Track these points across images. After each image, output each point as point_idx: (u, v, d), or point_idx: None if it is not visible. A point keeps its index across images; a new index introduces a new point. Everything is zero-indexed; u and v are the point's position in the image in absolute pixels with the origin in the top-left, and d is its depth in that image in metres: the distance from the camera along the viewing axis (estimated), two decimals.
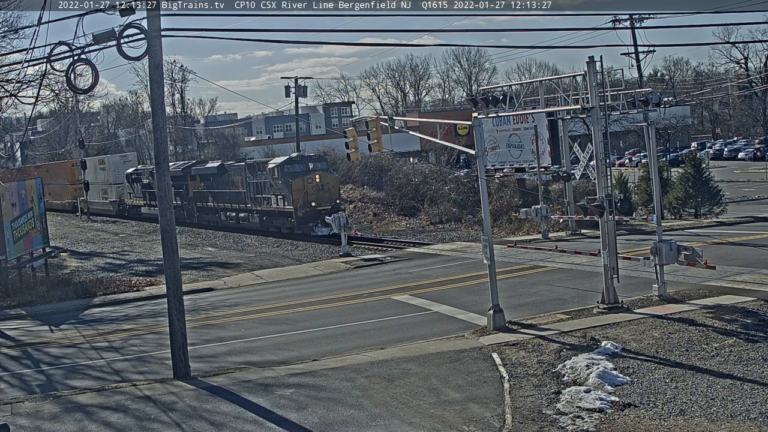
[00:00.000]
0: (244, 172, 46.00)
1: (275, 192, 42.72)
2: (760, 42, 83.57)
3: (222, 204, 49.06)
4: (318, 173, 41.53)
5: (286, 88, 61.32)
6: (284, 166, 41.92)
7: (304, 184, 41.06)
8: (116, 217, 65.34)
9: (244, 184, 45.99)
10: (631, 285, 21.41)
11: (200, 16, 30.19)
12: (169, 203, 16.97)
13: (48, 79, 32.35)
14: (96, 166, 69.80)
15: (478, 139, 19.36)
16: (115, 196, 65.99)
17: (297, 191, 41.06)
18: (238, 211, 47.13)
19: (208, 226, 50.61)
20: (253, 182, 44.95)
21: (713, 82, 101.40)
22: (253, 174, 45.06)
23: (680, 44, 62.74)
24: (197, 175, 52.30)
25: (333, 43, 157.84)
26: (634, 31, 51.01)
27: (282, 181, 41.84)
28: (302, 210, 40.97)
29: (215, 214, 50.23)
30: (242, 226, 46.73)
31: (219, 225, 49.66)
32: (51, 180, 76.59)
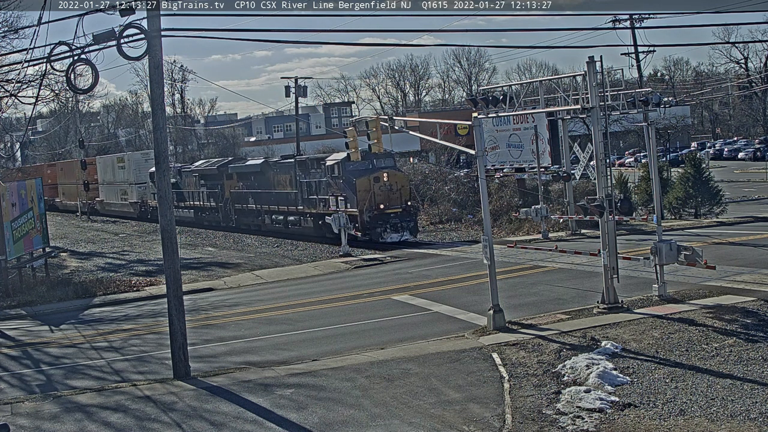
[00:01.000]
0: (294, 170, 41.09)
1: (334, 193, 37.42)
2: (760, 42, 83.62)
3: (266, 206, 43.89)
4: (386, 171, 36.51)
5: (286, 88, 61.29)
6: (347, 163, 36.39)
7: (370, 184, 36.06)
8: (138, 219, 60.07)
9: (294, 184, 41.13)
10: (631, 285, 21.41)
11: (200, 16, 30.18)
12: (169, 203, 16.99)
13: (48, 79, 32.36)
14: (114, 164, 65.18)
15: (478, 139, 19.37)
16: (137, 197, 60.74)
17: (363, 192, 36.04)
18: (287, 214, 42.07)
19: (249, 231, 45.93)
20: (305, 181, 40.05)
21: (713, 82, 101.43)
22: (305, 172, 40.17)
23: (680, 44, 62.83)
24: (235, 174, 47.31)
25: (333, 43, 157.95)
26: (634, 31, 51.04)
27: (344, 180, 36.82)
28: (369, 213, 35.93)
29: (257, 217, 45.14)
30: (292, 231, 41.69)
31: (262, 229, 45.01)
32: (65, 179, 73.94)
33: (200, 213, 51.52)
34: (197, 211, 51.77)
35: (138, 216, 60.41)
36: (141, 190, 59.98)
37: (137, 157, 62.38)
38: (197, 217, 51.78)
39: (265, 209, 44.10)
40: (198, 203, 51.70)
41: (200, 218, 51.46)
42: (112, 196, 65.48)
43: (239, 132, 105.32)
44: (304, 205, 40.30)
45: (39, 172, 79.05)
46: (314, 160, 40.45)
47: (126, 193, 62.47)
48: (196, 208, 52.06)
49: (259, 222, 44.91)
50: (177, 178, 53.17)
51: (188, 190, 52.83)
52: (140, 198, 59.96)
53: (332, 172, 37.69)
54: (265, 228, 44.55)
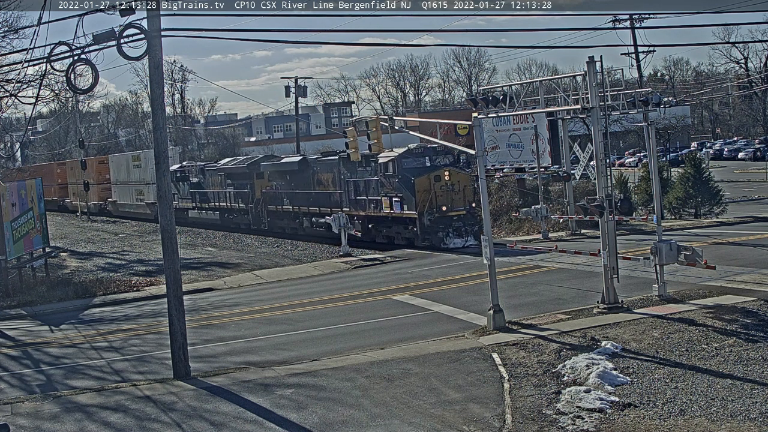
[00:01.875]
0: (337, 168, 37.27)
1: (388, 193, 33.96)
2: (760, 42, 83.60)
3: (305, 208, 40.00)
4: (447, 170, 33.08)
5: (286, 88, 61.37)
6: (403, 160, 33.12)
7: (430, 184, 32.75)
8: (155, 221, 53.83)
9: (338, 183, 37.44)
10: (631, 285, 21.41)
11: (200, 16, 30.15)
12: (169, 203, 16.99)
13: (48, 79, 32.32)
14: (128, 163, 61.52)
15: (478, 139, 19.38)
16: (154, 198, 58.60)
17: (422, 192, 32.75)
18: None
19: (284, 235, 42.06)
20: (352, 181, 36.30)
21: (713, 82, 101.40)
22: (351, 171, 36.55)
23: (680, 44, 62.96)
24: (268, 173, 43.45)
25: (333, 43, 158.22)
26: (634, 31, 51.05)
27: (400, 179, 33.22)
28: (429, 216, 32.60)
29: (294, 219, 41.34)
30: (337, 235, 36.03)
31: (299, 233, 41.04)
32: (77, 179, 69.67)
33: (227, 215, 48.03)
34: (223, 213, 48.31)
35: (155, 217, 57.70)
36: None
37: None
38: (223, 220, 48.39)
39: (303, 211, 40.35)
40: (224, 204, 47.84)
41: (227, 221, 48.02)
42: (127, 196, 62.22)
43: (239, 132, 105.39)
44: (351, 206, 36.49)
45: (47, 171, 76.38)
46: (363, 157, 34.91)
47: (142, 194, 58.90)
48: (223, 210, 48.30)
49: (296, 225, 41.24)
50: (200, 178, 50.28)
51: (213, 191, 49.22)
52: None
53: (386, 170, 33.91)
54: (303, 231, 40.78)
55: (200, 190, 50.07)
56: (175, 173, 51.82)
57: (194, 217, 51.58)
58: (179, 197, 52.31)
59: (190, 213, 52.01)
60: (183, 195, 52.76)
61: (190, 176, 52.07)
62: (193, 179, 51.62)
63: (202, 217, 50.59)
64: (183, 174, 52.97)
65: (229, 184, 47.20)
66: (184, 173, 52.96)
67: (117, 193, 64.11)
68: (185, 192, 52.61)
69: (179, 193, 52.64)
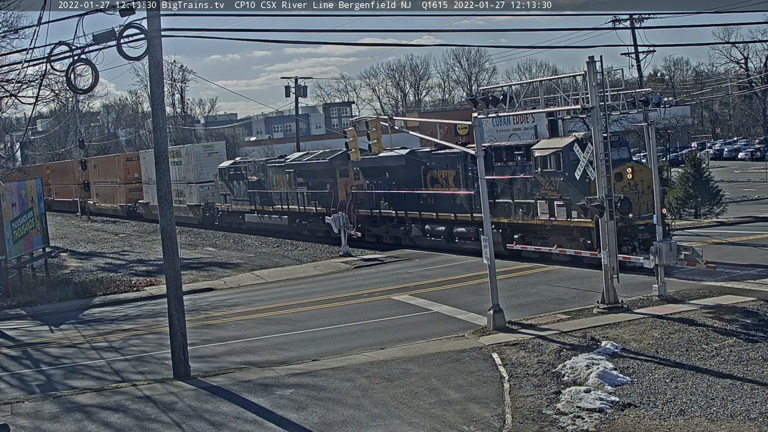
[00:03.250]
0: (462, 162, 29.68)
1: (548, 195, 26.12)
2: (760, 42, 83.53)
3: (414, 213, 32.65)
4: (630, 165, 25.27)
5: (286, 88, 61.27)
6: (570, 152, 24.91)
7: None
8: (200, 226, 49.49)
9: (465, 183, 29.77)
10: (631, 285, 21.40)
11: (200, 16, 30.16)
12: (169, 203, 16.98)
13: (48, 79, 32.39)
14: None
15: (478, 139, 19.39)
16: (199, 199, 49.56)
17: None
18: (453, 224, 30.60)
19: (385, 246, 34.45)
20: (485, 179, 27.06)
21: (713, 82, 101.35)
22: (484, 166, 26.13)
23: (680, 44, 62.95)
24: (358, 169, 36.42)
25: (333, 43, 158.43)
26: (634, 31, 51.00)
27: (566, 177, 25.48)
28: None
29: (398, 226, 33.97)
30: (465, 247, 29.73)
31: (403, 243, 33.91)
32: (100, 178, 64.35)
33: (298, 220, 40.21)
34: (294, 218, 40.43)
35: (200, 222, 49.98)
36: (204, 191, 49.16)
37: (198, 150, 51.24)
38: (293, 226, 40.53)
39: (412, 217, 32.95)
40: (295, 207, 39.96)
41: (298, 227, 40.32)
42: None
43: (239, 132, 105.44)
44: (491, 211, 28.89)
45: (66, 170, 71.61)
46: (504, 150, 28.22)
47: (182, 195, 51.19)
48: (293, 215, 40.36)
49: (401, 233, 33.99)
50: (261, 176, 42.92)
51: (278, 191, 41.40)
52: (203, 200, 49.24)
53: (544, 166, 26.14)
54: (408, 242, 33.54)
55: (261, 190, 42.70)
56: (227, 171, 45.99)
57: (253, 221, 43.88)
58: (232, 198, 45.78)
59: (247, 217, 44.35)
60: (238, 196, 45.18)
61: (246, 174, 44.00)
62: (251, 178, 43.75)
63: (264, 223, 42.61)
64: (237, 171, 45.11)
65: (302, 183, 39.58)
66: (238, 170, 45.04)
67: (150, 194, 55.37)
68: (241, 192, 44.80)
69: (232, 193, 45.75)
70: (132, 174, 58.76)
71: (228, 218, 46.61)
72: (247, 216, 44.27)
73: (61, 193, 74.64)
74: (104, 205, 63.20)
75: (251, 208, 43.71)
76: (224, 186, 46.30)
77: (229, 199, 45.99)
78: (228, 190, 45.88)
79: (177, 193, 50.77)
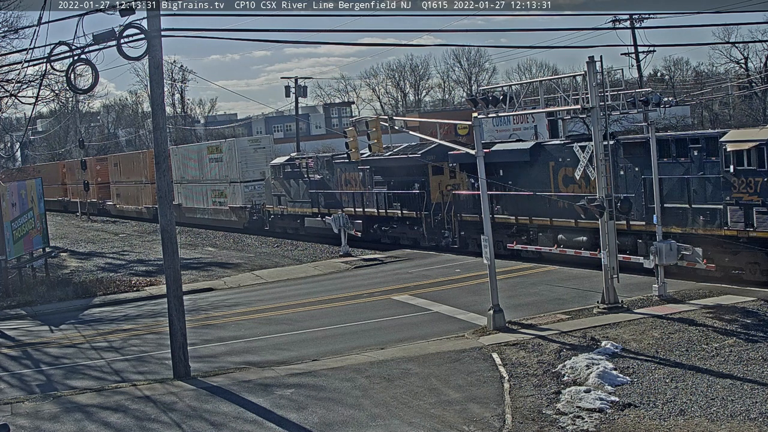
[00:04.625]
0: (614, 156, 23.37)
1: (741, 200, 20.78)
2: (760, 42, 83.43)
3: (542, 219, 26.46)
4: None
5: (286, 88, 61.29)
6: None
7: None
8: (245, 231, 44.12)
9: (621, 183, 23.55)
10: (631, 285, 21.40)
11: (200, 16, 30.18)
12: (169, 203, 16.99)
13: (48, 79, 32.44)
14: (202, 155, 48.84)
15: (478, 139, 19.39)
16: (244, 201, 44.19)
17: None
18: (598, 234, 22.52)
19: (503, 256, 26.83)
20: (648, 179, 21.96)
21: (713, 82, 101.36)
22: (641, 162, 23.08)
23: (680, 44, 62.97)
24: (455, 165, 30.75)
25: (332, 43, 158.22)
26: (634, 31, 51.03)
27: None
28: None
29: (519, 235, 27.59)
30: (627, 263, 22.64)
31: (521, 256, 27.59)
32: (121, 177, 60.29)
33: (376, 225, 34.94)
34: (370, 223, 35.08)
35: (246, 227, 44.44)
36: (250, 192, 44.01)
37: (243, 144, 45.80)
38: (368, 232, 35.16)
39: (539, 224, 26.73)
40: (372, 211, 34.52)
41: (375, 233, 34.97)
42: (198, 198, 49.56)
43: (239, 132, 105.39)
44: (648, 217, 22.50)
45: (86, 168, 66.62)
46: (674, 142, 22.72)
47: (223, 195, 46.48)
48: (369, 219, 34.92)
49: (523, 241, 27.46)
50: (325, 174, 37.61)
51: (349, 191, 36.16)
52: (249, 202, 43.85)
53: (740, 163, 20.73)
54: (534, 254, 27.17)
55: (325, 190, 37.35)
56: (282, 168, 40.48)
57: (315, 226, 37.78)
58: (288, 200, 40.00)
59: (308, 221, 38.57)
60: (296, 197, 39.42)
61: (307, 172, 38.53)
62: (312, 176, 38.29)
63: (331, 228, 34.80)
64: (294, 169, 39.51)
65: (380, 182, 34.17)
66: (295, 168, 39.42)
67: (182, 195, 51.54)
68: (300, 193, 39.13)
69: (288, 194, 40.00)
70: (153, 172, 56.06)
71: (282, 222, 40.86)
72: (308, 220, 38.63)
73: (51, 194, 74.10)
74: (127, 206, 58.58)
75: (313, 211, 38.22)
76: (278, 186, 40.78)
77: (284, 200, 40.45)
78: (283, 191, 40.37)
79: (216, 194, 47.40)
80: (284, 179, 40.32)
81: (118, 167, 61.27)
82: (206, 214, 48.85)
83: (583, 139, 25.59)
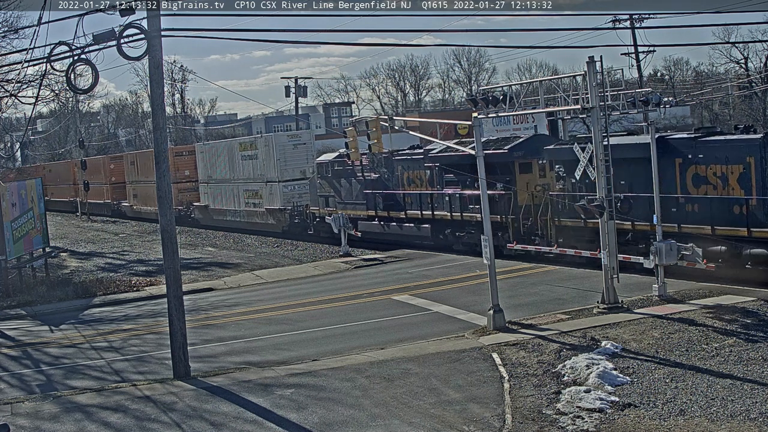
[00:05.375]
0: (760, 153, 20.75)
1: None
2: (760, 42, 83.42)
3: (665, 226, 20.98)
4: None
5: (286, 88, 61.43)
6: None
7: None
8: (285, 236, 39.93)
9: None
10: (631, 285, 21.39)
11: (200, 16, 30.16)
12: (169, 203, 16.99)
13: (48, 79, 32.45)
14: (233, 152, 44.85)
15: (478, 139, 19.39)
16: (283, 202, 40.17)
17: None
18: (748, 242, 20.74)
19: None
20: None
21: (713, 82, 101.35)
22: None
23: (680, 44, 63.02)
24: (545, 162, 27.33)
25: (332, 43, 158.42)
26: (634, 31, 51.07)
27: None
28: None
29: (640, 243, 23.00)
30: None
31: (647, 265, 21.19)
32: (139, 176, 56.69)
33: (449, 230, 30.43)
34: (441, 228, 30.77)
35: (285, 231, 40.02)
36: (289, 192, 40.08)
37: (282, 140, 41.02)
38: (438, 238, 31.01)
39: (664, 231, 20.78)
40: (444, 214, 30.28)
41: (447, 239, 30.70)
42: (228, 199, 45.85)
43: (239, 132, 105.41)
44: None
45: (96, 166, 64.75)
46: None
47: (258, 196, 42.69)
48: (439, 223, 30.69)
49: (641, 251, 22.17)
50: (383, 172, 33.82)
51: (414, 192, 32.16)
52: (288, 203, 39.78)
53: None
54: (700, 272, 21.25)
55: (383, 190, 33.60)
56: (330, 166, 36.46)
57: (371, 231, 34.29)
58: (338, 201, 35.99)
59: (362, 225, 34.47)
60: (347, 198, 35.53)
61: (362, 170, 34.68)
62: (368, 175, 34.56)
63: (391, 233, 32.47)
64: (346, 167, 35.34)
65: (452, 181, 30.14)
66: (347, 166, 35.15)
67: (210, 196, 48.15)
68: (352, 193, 35.28)
69: (338, 195, 36.06)
70: (182, 171, 50.61)
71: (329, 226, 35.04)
72: (362, 224, 34.49)
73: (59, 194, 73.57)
74: (145, 208, 54.25)
75: (368, 213, 34.35)
76: (326, 185, 36.90)
77: (332, 202, 36.40)
78: (332, 191, 36.35)
79: (250, 195, 43.42)
80: (333, 178, 36.37)
81: (135, 166, 57.53)
82: (238, 216, 45.08)
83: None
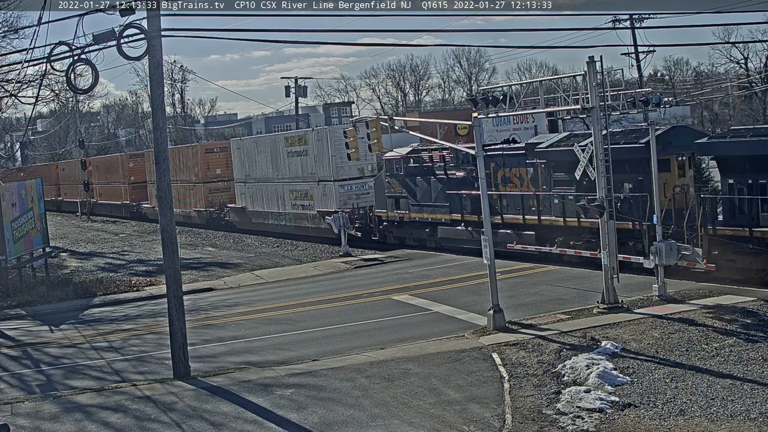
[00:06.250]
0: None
1: None
2: (760, 42, 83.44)
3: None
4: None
5: (286, 88, 61.39)
6: None
7: None
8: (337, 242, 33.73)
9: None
10: (631, 285, 21.39)
11: (200, 16, 30.15)
12: (169, 203, 16.98)
13: (48, 79, 32.43)
14: (278, 148, 40.23)
15: (478, 139, 19.39)
16: (339, 204, 35.66)
17: None
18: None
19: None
20: None
21: (713, 82, 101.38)
22: None
23: (680, 44, 63.06)
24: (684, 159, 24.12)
25: (332, 43, 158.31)
26: (634, 31, 50.99)
27: None
28: None
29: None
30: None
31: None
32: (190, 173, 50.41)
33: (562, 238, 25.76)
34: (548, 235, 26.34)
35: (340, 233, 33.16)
36: (346, 192, 36.10)
37: (338, 134, 34.66)
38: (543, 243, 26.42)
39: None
40: (553, 219, 25.84)
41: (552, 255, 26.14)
42: (270, 201, 41.33)
43: (239, 132, 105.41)
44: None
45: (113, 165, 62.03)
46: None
47: (307, 197, 38.29)
48: (547, 229, 26.29)
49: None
50: (467, 170, 28.95)
51: (512, 193, 27.67)
52: (345, 205, 35.51)
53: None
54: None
55: (471, 191, 28.52)
56: (402, 163, 32.27)
57: (457, 237, 30.06)
58: (412, 204, 32.05)
59: (442, 231, 30.77)
60: (424, 199, 31.49)
61: (444, 168, 30.50)
62: (451, 173, 30.24)
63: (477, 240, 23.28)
64: (422, 164, 31.51)
65: (563, 180, 25.66)
66: (423, 163, 31.43)
67: (247, 196, 43.83)
68: (431, 194, 31.14)
69: (412, 196, 32.00)
70: (213, 170, 46.65)
71: (401, 231, 32.42)
72: (442, 229, 30.67)
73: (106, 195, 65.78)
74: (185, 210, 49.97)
75: (452, 217, 30.03)
76: (396, 185, 32.69)
77: (404, 203, 32.44)
78: (404, 191, 32.33)
79: (298, 195, 39.08)
80: (405, 177, 32.15)
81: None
82: (283, 219, 40.44)
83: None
